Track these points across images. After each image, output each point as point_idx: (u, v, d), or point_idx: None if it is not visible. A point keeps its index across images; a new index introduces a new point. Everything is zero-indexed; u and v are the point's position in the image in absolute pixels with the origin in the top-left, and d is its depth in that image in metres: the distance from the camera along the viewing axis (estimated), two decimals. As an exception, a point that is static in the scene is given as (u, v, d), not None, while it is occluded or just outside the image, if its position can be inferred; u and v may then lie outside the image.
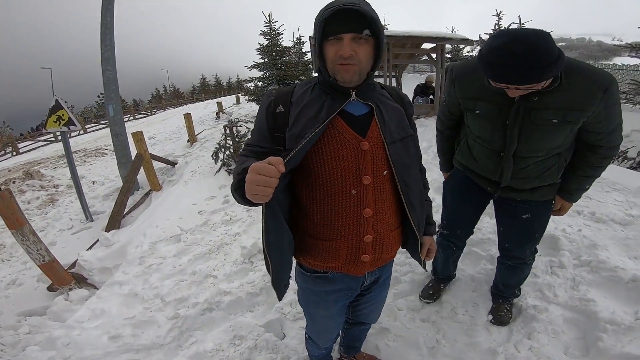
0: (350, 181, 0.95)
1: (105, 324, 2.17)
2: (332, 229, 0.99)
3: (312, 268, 1.08)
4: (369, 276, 1.14)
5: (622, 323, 1.59)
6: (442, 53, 6.60)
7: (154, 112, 27.54)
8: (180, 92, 52.02)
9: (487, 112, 1.29)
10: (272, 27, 8.27)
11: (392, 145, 0.98)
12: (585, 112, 1.15)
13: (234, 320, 2.13)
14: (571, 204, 1.50)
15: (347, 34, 0.86)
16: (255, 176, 0.73)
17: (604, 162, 1.34)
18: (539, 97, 1.16)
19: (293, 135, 0.93)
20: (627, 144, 4.53)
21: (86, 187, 5.84)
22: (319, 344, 1.40)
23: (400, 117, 1.04)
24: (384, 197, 0.99)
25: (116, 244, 3.22)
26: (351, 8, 0.83)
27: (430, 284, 2.03)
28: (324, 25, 0.87)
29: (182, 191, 4.41)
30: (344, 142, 0.94)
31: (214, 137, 6.97)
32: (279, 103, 0.98)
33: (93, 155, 9.50)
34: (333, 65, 0.90)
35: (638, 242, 2.07)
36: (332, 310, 1.19)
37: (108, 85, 4.94)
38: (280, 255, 0.99)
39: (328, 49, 0.90)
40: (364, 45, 0.89)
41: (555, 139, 1.24)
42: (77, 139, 14.58)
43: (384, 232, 1.02)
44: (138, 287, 2.55)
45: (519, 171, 1.37)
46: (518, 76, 1.02)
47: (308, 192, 0.99)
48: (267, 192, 0.74)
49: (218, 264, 2.74)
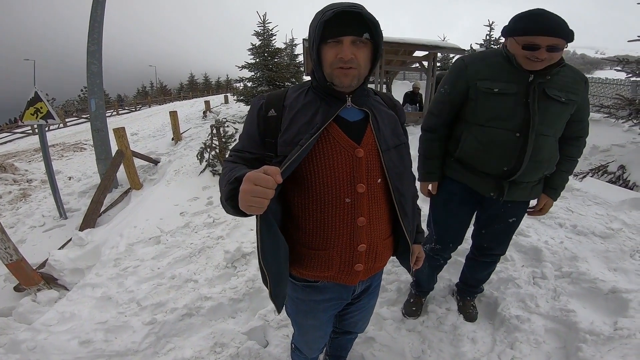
0: (345, 189, 0.92)
1: (75, 328, 2.06)
2: (325, 238, 0.96)
3: (303, 277, 1.05)
4: (360, 285, 1.11)
5: (601, 333, 1.62)
6: (434, 61, 6.74)
7: (139, 108, 26.85)
8: (168, 89, 51.17)
9: (507, 89, 1.32)
10: (266, 27, 8.22)
11: (387, 153, 0.95)
12: (577, 95, 1.34)
13: (215, 326, 2.07)
14: (554, 200, 1.58)
15: (347, 36, 0.83)
16: (250, 187, 0.68)
17: (579, 154, 1.52)
18: (550, 76, 1.29)
19: (286, 141, 0.89)
20: (607, 159, 4.71)
21: (62, 182, 5.63)
22: (306, 354, 1.36)
23: (394, 124, 1.02)
24: (378, 206, 0.97)
25: (90, 243, 3.08)
26: (352, 10, 0.81)
27: (411, 299, 1.99)
28: (323, 28, 0.83)
29: (164, 191, 4.28)
30: (339, 149, 0.91)
31: (199, 137, 6.84)
32: (270, 107, 0.94)
33: (71, 149, 9.15)
34: (331, 69, 0.87)
35: (617, 254, 2.13)
36: (320, 319, 1.16)
37: (92, 79, 4.87)
38: (278, 267, 0.94)
39: (326, 51, 0.86)
40: (363, 49, 0.86)
41: (562, 117, 1.36)
42: (56, 133, 14.04)
43: (377, 241, 1.00)
44: (112, 290, 2.43)
45: (536, 152, 1.35)
46: (553, 23, 1.16)
47: (300, 200, 0.95)
48: (263, 204, 0.69)
49: (199, 268, 2.66)
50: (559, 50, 1.20)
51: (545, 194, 1.56)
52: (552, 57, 1.21)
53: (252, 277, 2.43)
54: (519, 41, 1.24)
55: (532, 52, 1.21)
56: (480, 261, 1.79)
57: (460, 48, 6.67)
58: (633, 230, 2.34)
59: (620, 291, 1.81)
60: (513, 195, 1.46)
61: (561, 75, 1.31)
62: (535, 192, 1.51)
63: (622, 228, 2.36)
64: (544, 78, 1.28)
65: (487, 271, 1.86)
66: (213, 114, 11.35)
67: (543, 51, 1.19)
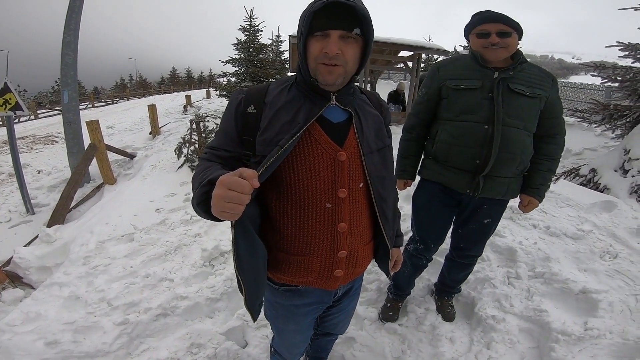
0: (326, 194, 0.87)
1: (41, 329, 1.95)
2: (304, 244, 0.91)
3: (281, 282, 1.01)
4: (341, 288, 1.08)
5: (572, 333, 1.67)
6: (418, 62, 6.82)
7: (116, 101, 25.88)
8: (148, 82, 49.68)
9: (473, 85, 1.45)
10: (253, 23, 8.12)
11: (369, 156, 0.92)
12: (544, 90, 1.43)
13: (191, 327, 2.01)
14: (539, 201, 1.59)
15: (335, 30, 0.78)
16: (224, 191, 0.62)
17: (558, 153, 1.56)
18: (513, 71, 1.41)
19: (265, 140, 0.84)
20: (579, 162, 4.92)
21: (30, 176, 5.34)
22: (287, 358, 1.32)
23: (379, 125, 0.98)
24: (359, 211, 0.94)
25: (58, 240, 2.93)
26: (344, 2, 0.75)
27: (388, 304, 1.98)
28: (312, 19, 0.78)
29: (139, 186, 4.13)
30: (321, 151, 0.86)
31: (179, 131, 6.66)
32: (250, 102, 0.88)
33: (42, 142, 8.71)
34: (316, 63, 0.81)
35: (588, 255, 2.21)
36: (301, 324, 1.12)
37: (66, 71, 4.75)
38: (255, 274, 0.89)
39: (312, 45, 0.81)
40: (352, 44, 0.81)
41: (530, 110, 1.44)
42: (26, 124, 13.34)
43: (358, 247, 0.97)
44: (81, 289, 2.31)
45: (506, 144, 1.41)
46: (496, 13, 1.38)
47: (278, 204, 0.90)
48: (238, 210, 0.63)
49: (175, 267, 2.57)
50: (509, 36, 1.37)
51: (526, 193, 1.59)
52: (506, 43, 1.37)
53: (230, 276, 2.37)
54: (474, 33, 1.44)
55: (486, 39, 1.38)
56: (457, 262, 1.82)
57: (445, 50, 6.79)
58: (603, 232, 2.44)
59: (590, 292, 1.87)
60: (489, 191, 1.50)
61: (525, 72, 1.43)
62: (512, 190, 1.54)
63: (592, 230, 2.45)
64: (508, 74, 1.40)
65: (464, 272, 1.89)
66: (194, 108, 11.12)
67: (494, 36, 1.37)
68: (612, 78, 4.69)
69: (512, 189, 1.53)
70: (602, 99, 7.40)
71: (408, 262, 1.84)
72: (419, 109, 1.64)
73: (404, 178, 1.73)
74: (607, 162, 4.14)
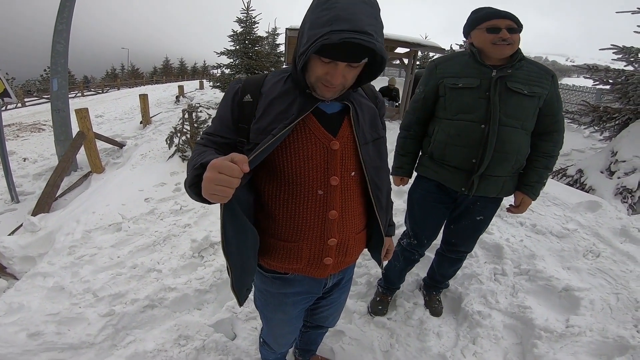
0: (318, 181, 0.89)
1: (24, 320, 1.91)
2: (295, 230, 0.93)
3: (271, 269, 1.01)
4: (331, 278, 1.09)
5: (554, 330, 1.70)
6: (414, 59, 6.82)
7: (106, 90, 25.37)
8: (140, 72, 48.76)
9: (470, 83, 1.43)
10: (249, 15, 8.01)
11: (365, 147, 0.94)
12: (543, 88, 1.40)
13: (179, 318, 1.99)
14: (532, 199, 1.58)
15: (344, 62, 0.76)
16: (215, 174, 0.63)
17: (555, 151, 1.53)
18: (512, 69, 1.39)
19: (259, 128, 0.86)
20: (567, 162, 4.99)
21: (15, 164, 5.23)
22: (275, 349, 1.32)
23: (374, 117, 0.99)
24: (351, 199, 0.95)
25: (43, 230, 2.86)
26: (362, 44, 0.70)
27: (378, 297, 2.00)
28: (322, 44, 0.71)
29: (128, 175, 4.05)
30: (314, 140, 0.88)
31: (170, 121, 6.56)
32: (247, 92, 0.89)
33: (29, 130, 8.52)
34: (316, 81, 0.81)
35: (571, 254, 2.25)
36: (290, 314, 1.13)
37: (56, 58, 4.71)
38: (242, 257, 0.91)
39: (316, 65, 0.78)
40: (357, 69, 0.81)
41: (528, 109, 1.42)
42: (13, 112, 13.01)
43: (348, 235, 0.98)
44: (65, 280, 2.27)
45: (502, 143, 1.40)
46: (502, 10, 1.37)
47: (271, 190, 0.92)
48: (227, 193, 0.65)
49: (163, 257, 2.54)
50: (516, 32, 1.35)
51: (520, 191, 1.58)
52: (514, 39, 1.35)
53: (219, 268, 2.35)
54: (482, 27, 1.38)
55: (496, 34, 1.34)
56: (447, 257, 1.84)
57: (440, 47, 6.79)
58: (587, 231, 2.49)
59: (573, 289, 1.91)
60: (483, 190, 1.50)
61: (524, 70, 1.41)
62: (506, 189, 1.54)
63: (577, 229, 2.50)
64: (506, 72, 1.38)
65: (453, 268, 1.91)
66: (186, 99, 10.97)
67: (505, 32, 1.33)
68: (604, 81, 4.74)
69: (507, 187, 1.54)
70: (593, 101, 7.51)
71: (400, 256, 1.85)
72: (416, 107, 1.62)
73: (399, 175, 1.72)
74: (594, 164, 4.22)
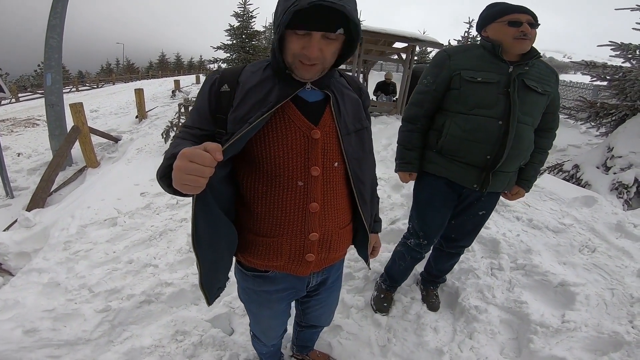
0: (297, 171, 0.86)
1: (19, 316, 1.89)
2: (274, 224, 0.89)
3: (251, 266, 0.98)
4: (314, 277, 1.06)
5: (550, 325, 1.71)
6: (412, 54, 6.79)
7: (101, 85, 25.09)
8: (135, 67, 48.30)
9: (490, 78, 1.38)
10: (247, 9, 7.94)
11: (347, 137, 0.91)
12: (551, 87, 1.42)
13: (176, 314, 1.98)
14: (527, 192, 1.65)
15: (318, 31, 0.74)
16: (185, 163, 0.61)
17: (550, 146, 1.59)
18: (528, 67, 1.38)
19: (236, 118, 0.82)
20: (563, 158, 5.02)
21: (9, 159, 5.19)
22: (265, 342, 1.32)
23: (357, 107, 0.96)
24: (334, 192, 0.92)
25: (38, 225, 2.84)
26: (333, 6, 0.69)
27: (382, 295, 1.97)
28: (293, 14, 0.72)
29: (123, 170, 4.02)
30: (294, 129, 0.85)
31: (166, 116, 6.51)
32: (224, 82, 0.86)
33: (23, 125, 8.43)
34: (294, 59, 0.79)
35: (567, 249, 2.26)
36: (275, 309, 1.11)
37: (50, 54, 4.68)
38: (214, 253, 0.87)
39: (292, 40, 0.77)
40: (333, 43, 0.78)
41: (540, 107, 1.43)
42: (7, 107, 12.90)
43: (331, 230, 0.94)
44: (61, 275, 2.25)
45: (518, 141, 1.39)
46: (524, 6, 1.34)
47: (250, 182, 0.89)
48: (199, 183, 0.62)
49: (160, 252, 2.52)
50: (535, 28, 1.33)
51: (517, 184, 1.61)
52: (533, 35, 1.33)
53: (217, 264, 2.34)
54: (504, 21, 1.34)
55: (518, 28, 1.31)
56: (445, 252, 1.83)
57: (439, 42, 6.76)
58: (583, 226, 2.50)
59: (569, 284, 1.92)
60: (494, 186, 1.48)
61: (536, 68, 1.40)
62: (510, 184, 1.57)
63: (573, 224, 2.51)
64: (523, 69, 1.36)
65: (451, 262, 1.91)
66: (182, 93, 10.87)
67: (526, 26, 1.31)
68: (601, 77, 4.77)
69: (512, 182, 1.57)
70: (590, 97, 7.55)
71: (407, 256, 1.81)
72: (423, 99, 1.52)
73: (408, 170, 1.62)
74: (590, 159, 4.24)
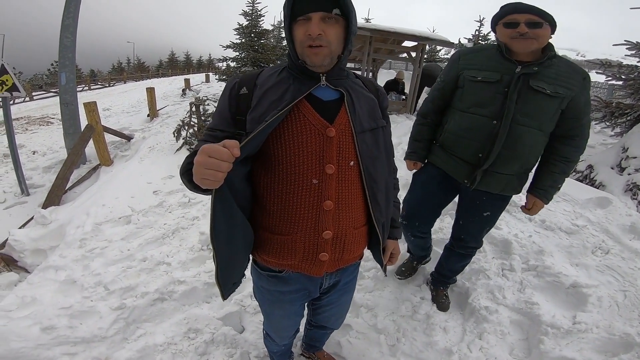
0: (312, 169, 0.88)
1: (37, 314, 1.93)
2: (288, 222, 0.91)
3: (267, 266, 1.01)
4: (327, 278, 1.07)
5: (561, 327, 1.70)
6: (422, 53, 6.72)
7: (113, 83, 25.53)
8: (146, 65, 48.92)
9: (489, 77, 1.40)
10: (255, 8, 7.96)
11: (361, 135, 0.92)
12: (569, 90, 1.34)
13: (188, 312, 2.01)
14: (545, 203, 1.55)
15: (315, 13, 0.81)
16: (205, 158, 0.64)
17: (575, 156, 1.48)
18: (539, 67, 1.33)
19: (254, 117, 0.87)
20: (576, 158, 4.92)
21: (25, 157, 5.29)
22: (277, 341, 1.35)
23: (372, 107, 0.98)
24: (349, 191, 0.92)
25: (54, 222, 2.90)
26: None
27: (406, 261, 2.15)
28: (292, 4, 0.82)
29: (136, 168, 4.09)
30: (309, 127, 0.87)
31: (177, 114, 6.59)
32: (243, 85, 0.92)
33: (37, 123, 8.59)
34: (302, 47, 0.85)
35: (580, 250, 2.23)
36: (288, 310, 1.13)
37: (64, 53, 4.75)
38: (231, 249, 0.89)
39: (297, 30, 0.85)
40: (334, 25, 0.84)
41: (548, 110, 1.37)
42: (21, 106, 13.19)
43: (346, 229, 0.94)
44: (77, 273, 2.30)
45: (512, 142, 1.39)
46: (525, 4, 1.31)
47: (266, 180, 0.91)
48: (218, 177, 0.66)
49: (172, 250, 2.57)
50: (539, 27, 1.28)
51: (532, 193, 1.56)
52: (536, 34, 1.29)
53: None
54: (501, 23, 1.38)
55: (514, 29, 1.31)
56: (455, 252, 1.85)
57: (449, 41, 6.68)
58: (596, 228, 2.46)
59: (581, 286, 1.90)
60: (486, 185, 1.50)
61: (553, 68, 1.34)
62: (511, 187, 1.52)
63: (586, 225, 2.47)
64: (531, 69, 1.33)
65: (461, 263, 1.91)
66: (193, 92, 10.98)
67: (523, 26, 1.29)
68: (616, 76, 4.68)
69: (512, 185, 1.52)
70: (605, 97, 7.39)
71: (407, 232, 1.92)
72: (435, 96, 1.63)
73: (412, 159, 1.74)
74: (605, 159, 4.15)
